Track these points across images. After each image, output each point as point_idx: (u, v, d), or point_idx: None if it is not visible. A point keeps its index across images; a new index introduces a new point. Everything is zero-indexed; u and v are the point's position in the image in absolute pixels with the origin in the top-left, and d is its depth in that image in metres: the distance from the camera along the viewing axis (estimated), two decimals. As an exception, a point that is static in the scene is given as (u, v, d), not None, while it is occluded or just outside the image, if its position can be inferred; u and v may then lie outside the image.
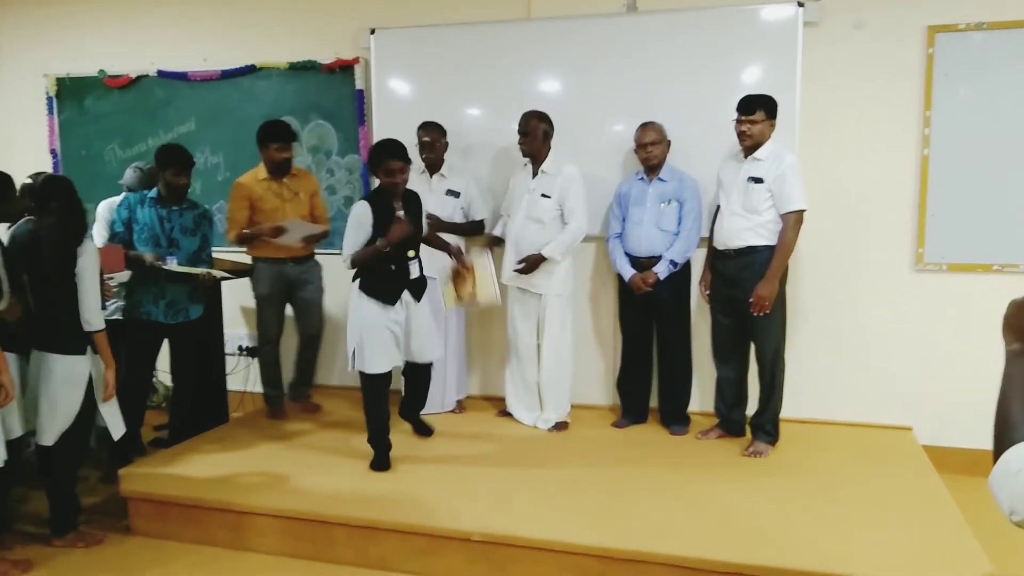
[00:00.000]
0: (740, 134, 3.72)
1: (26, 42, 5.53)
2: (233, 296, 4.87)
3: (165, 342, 4.06)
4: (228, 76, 5.09)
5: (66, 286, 3.14)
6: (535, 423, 4.27)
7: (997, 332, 1.25)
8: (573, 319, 4.29)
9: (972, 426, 3.87)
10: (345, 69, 4.87)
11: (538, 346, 4.22)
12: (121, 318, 4.06)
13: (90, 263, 3.19)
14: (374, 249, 3.48)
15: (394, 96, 4.73)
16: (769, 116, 3.68)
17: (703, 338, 4.19)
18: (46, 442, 3.20)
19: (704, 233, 4.09)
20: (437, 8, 4.65)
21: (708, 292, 4.05)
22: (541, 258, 4.06)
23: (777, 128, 3.77)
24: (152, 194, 3.93)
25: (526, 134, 4.07)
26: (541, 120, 4.08)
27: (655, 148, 4.01)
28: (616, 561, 2.88)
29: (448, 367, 4.48)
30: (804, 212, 3.68)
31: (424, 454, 3.88)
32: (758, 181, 3.70)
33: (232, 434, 4.25)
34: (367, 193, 3.69)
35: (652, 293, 4.03)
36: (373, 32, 4.67)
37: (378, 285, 3.57)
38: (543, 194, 4.09)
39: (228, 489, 3.48)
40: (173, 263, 3.87)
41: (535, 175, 4.14)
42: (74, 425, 3.22)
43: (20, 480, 3.45)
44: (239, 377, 5.13)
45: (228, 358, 4.84)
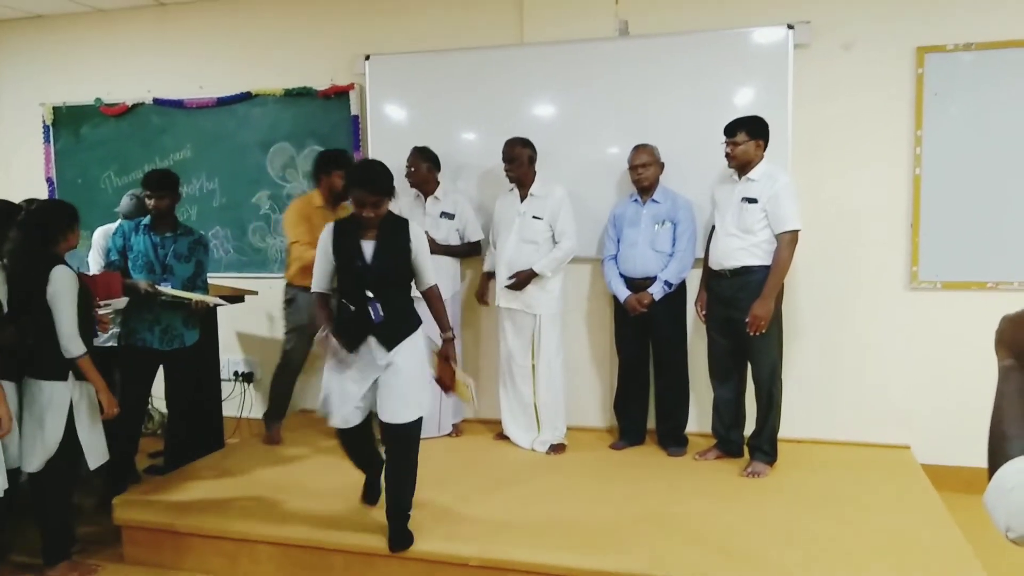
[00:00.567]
0: (726, 156, 3.78)
1: (23, 71, 5.57)
2: (229, 322, 4.87)
3: (160, 369, 4.05)
4: (224, 103, 5.12)
5: (39, 313, 3.12)
6: (532, 446, 4.25)
7: (993, 349, 1.25)
8: (565, 339, 4.30)
9: (970, 444, 3.83)
10: (340, 95, 4.90)
11: (532, 366, 4.22)
12: (116, 345, 4.05)
13: (61, 289, 3.14)
14: (315, 323, 3.09)
15: (389, 121, 4.75)
16: (752, 136, 3.72)
17: (700, 359, 4.19)
18: (31, 469, 3.17)
19: (699, 254, 4.11)
20: (431, 34, 4.70)
21: (704, 312, 4.06)
22: (532, 274, 4.09)
23: (770, 148, 3.79)
24: (146, 221, 3.93)
25: (512, 160, 4.11)
26: (524, 146, 4.13)
27: (646, 170, 4.04)
28: (615, 584, 2.85)
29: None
30: (799, 232, 3.70)
31: (421, 479, 3.85)
32: (752, 201, 3.72)
33: (227, 460, 4.22)
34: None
35: (648, 314, 4.03)
36: (368, 58, 4.70)
37: (339, 327, 3.07)
38: (535, 216, 4.12)
39: (224, 516, 3.45)
40: (167, 288, 3.86)
41: (523, 199, 4.18)
42: (59, 452, 3.18)
43: (16, 509, 3.42)
44: (234, 403, 5.11)
45: (224, 384, 4.82)
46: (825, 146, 4.17)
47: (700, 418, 4.35)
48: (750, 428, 3.99)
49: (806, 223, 3.82)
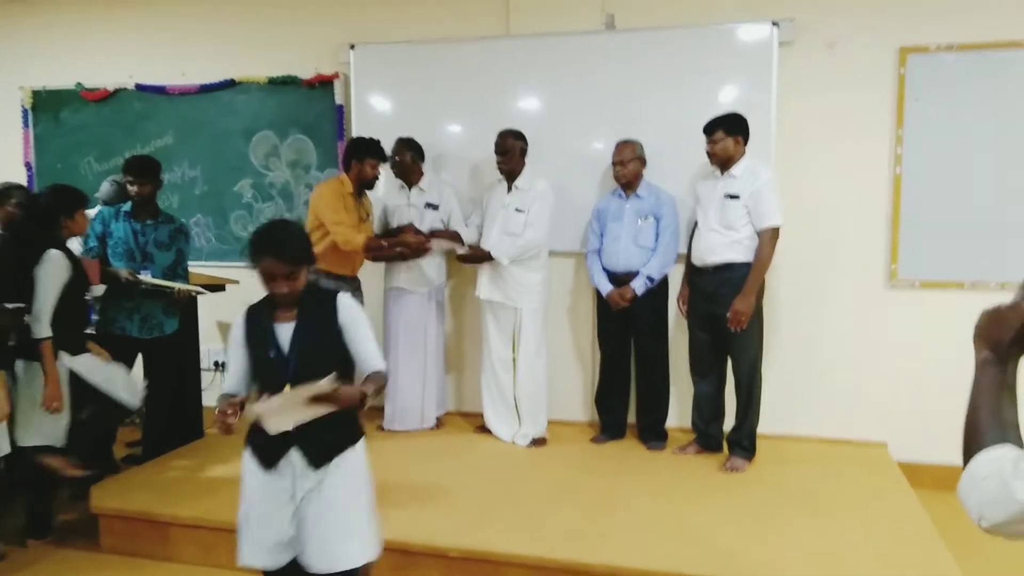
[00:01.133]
0: (707, 154, 3.82)
1: (2, 54, 5.48)
2: (209, 311, 4.83)
3: (139, 357, 4.01)
4: (207, 90, 5.07)
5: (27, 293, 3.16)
6: (513, 439, 4.26)
7: (970, 349, 1.27)
8: (547, 333, 4.30)
9: (946, 442, 3.88)
10: (325, 84, 4.87)
11: (514, 360, 4.22)
12: (95, 332, 4.01)
13: (49, 271, 3.20)
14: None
15: (373, 111, 4.73)
16: (730, 133, 3.74)
17: (681, 354, 4.21)
18: (27, 443, 3.21)
19: (681, 249, 4.12)
20: (417, 24, 4.67)
21: (686, 308, 4.08)
22: (488, 256, 4.10)
23: (753, 145, 3.81)
24: (127, 208, 3.90)
25: (505, 152, 4.11)
26: (517, 139, 4.13)
27: (624, 167, 4.05)
28: (593, 577, 2.87)
29: (427, 383, 4.47)
30: (780, 228, 3.72)
31: (401, 471, 3.85)
32: (734, 197, 3.74)
33: (206, 450, 4.20)
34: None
35: (630, 309, 4.05)
36: (353, 48, 4.68)
37: (252, 437, 2.33)
38: (517, 208, 4.12)
39: (200, 506, 3.43)
40: (147, 276, 3.82)
41: (509, 190, 4.18)
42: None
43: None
44: (214, 393, 5.07)
45: (204, 373, 4.79)
46: (807, 143, 4.19)
47: (680, 413, 4.37)
48: (729, 424, 4.02)
49: (788, 219, 3.86)
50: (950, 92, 4.02)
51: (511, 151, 4.11)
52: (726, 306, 3.74)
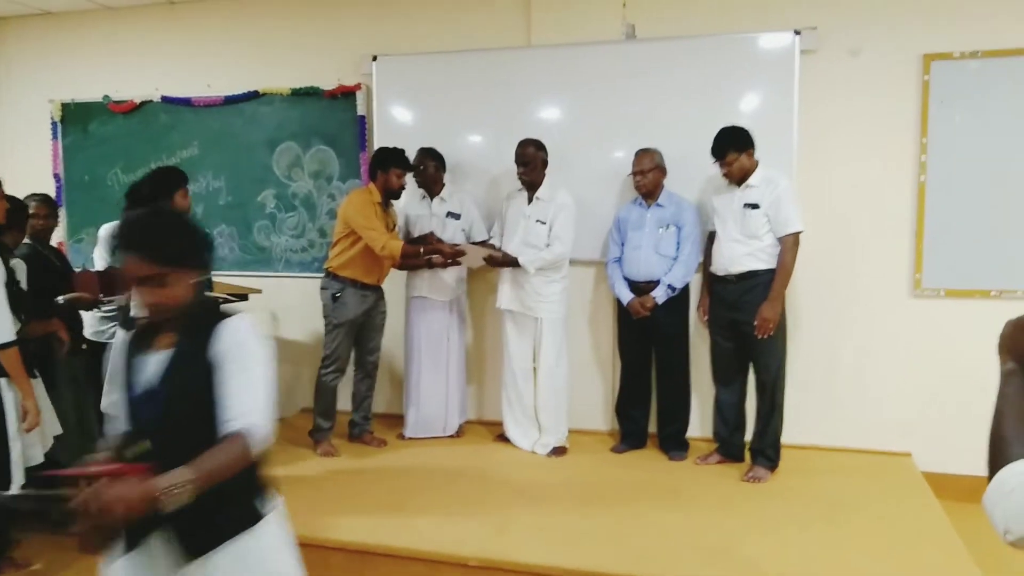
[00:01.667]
0: (725, 175, 3.82)
1: (32, 67, 5.59)
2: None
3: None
4: (231, 102, 5.14)
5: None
6: (533, 448, 4.25)
7: (996, 358, 1.25)
8: (567, 342, 4.30)
9: (972, 453, 3.83)
10: (347, 95, 4.91)
11: (534, 369, 4.22)
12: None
13: None
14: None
15: (395, 122, 4.77)
16: (741, 150, 3.74)
17: (702, 363, 4.19)
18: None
19: (700, 258, 4.11)
20: (438, 35, 4.71)
21: (707, 317, 4.06)
22: (515, 262, 4.09)
23: (775, 153, 3.81)
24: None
25: (527, 164, 4.11)
26: (539, 149, 4.13)
27: (644, 177, 4.04)
28: (614, 587, 2.85)
29: (450, 391, 4.48)
30: (801, 233, 3.72)
31: (422, 479, 3.86)
32: (754, 207, 3.74)
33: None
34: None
35: (650, 318, 4.04)
36: (375, 59, 4.72)
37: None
38: (538, 220, 4.12)
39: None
40: None
41: (530, 201, 4.18)
42: None
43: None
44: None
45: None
46: (830, 152, 4.16)
47: (702, 422, 4.34)
48: (750, 432, 3.99)
49: (811, 228, 3.84)
50: (974, 99, 3.98)
51: (532, 161, 4.11)
52: (751, 313, 3.73)
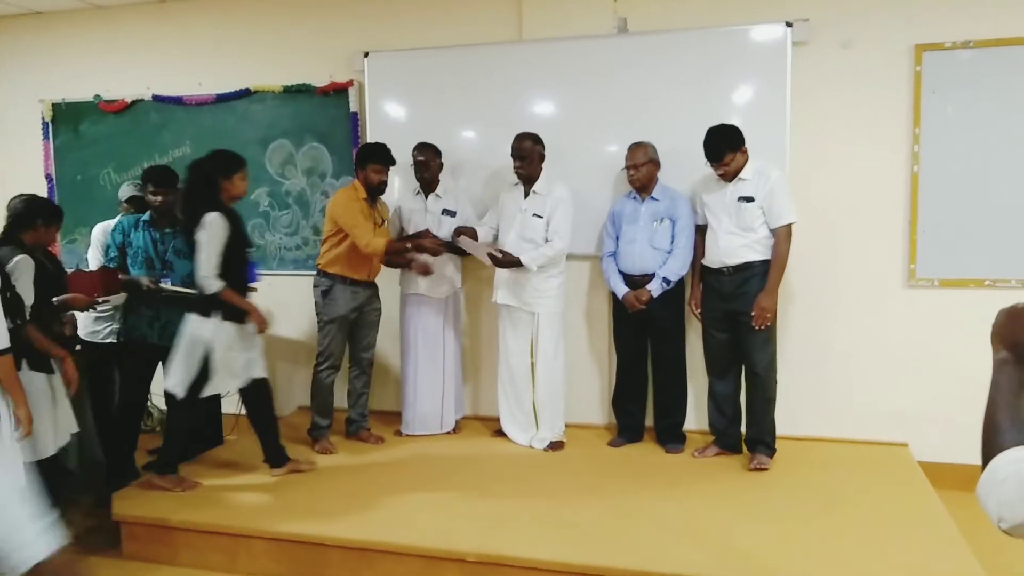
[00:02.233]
0: (721, 176, 3.81)
1: (22, 67, 5.56)
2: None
3: (160, 365, 4.04)
4: (223, 100, 5.12)
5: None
6: (530, 443, 4.26)
7: (989, 346, 1.26)
8: (564, 337, 4.29)
9: (968, 442, 3.85)
10: (339, 92, 4.90)
11: (532, 365, 4.22)
12: (115, 341, 4.06)
13: (211, 233, 3.44)
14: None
15: (388, 118, 4.76)
16: (736, 149, 3.74)
17: (698, 355, 4.19)
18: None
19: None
20: (430, 31, 4.70)
21: (700, 310, 4.07)
22: (518, 263, 4.06)
23: (767, 146, 3.82)
24: (146, 217, 3.95)
25: (523, 157, 4.09)
26: (536, 143, 4.11)
27: (637, 171, 4.04)
28: (612, 580, 2.86)
29: (446, 387, 4.48)
30: (793, 224, 3.75)
31: (418, 475, 3.86)
32: (749, 200, 3.75)
33: (226, 456, 4.23)
34: None
35: (646, 311, 4.04)
36: (367, 55, 4.70)
37: None
38: (535, 214, 4.11)
39: (221, 512, 3.46)
40: (169, 285, 3.86)
41: (527, 195, 4.17)
42: None
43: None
44: (233, 400, 5.09)
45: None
46: (823, 143, 4.16)
47: (698, 415, 4.35)
48: (744, 424, 4.02)
49: (804, 220, 3.85)
50: (967, 89, 3.99)
51: (529, 155, 4.09)
52: (748, 305, 3.76)
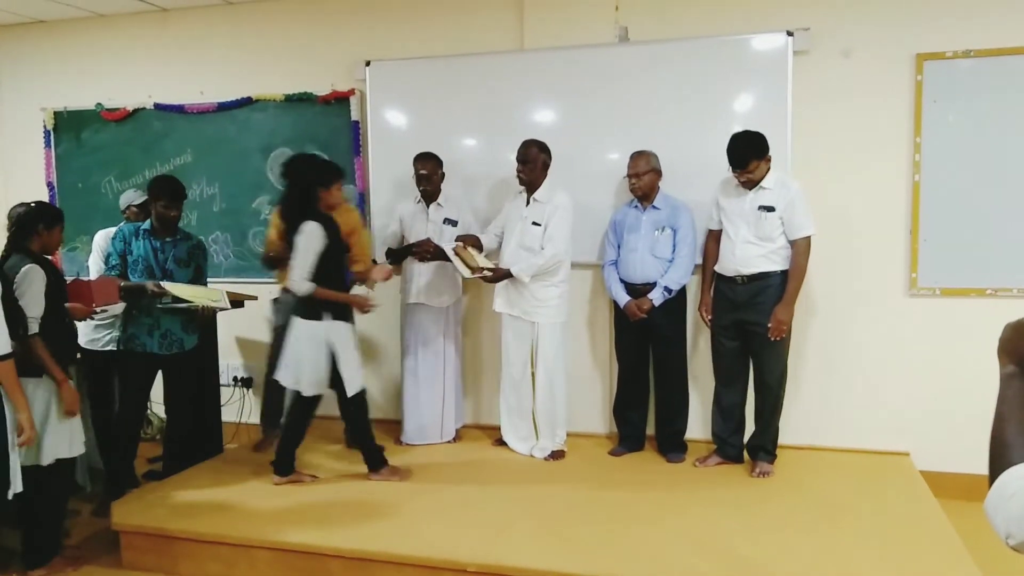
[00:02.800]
0: (744, 183, 3.79)
1: (24, 75, 5.58)
2: (228, 327, 4.86)
3: (160, 374, 4.04)
4: (225, 108, 5.13)
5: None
6: (531, 452, 4.24)
7: (993, 356, 1.25)
8: (566, 347, 4.28)
9: (970, 451, 3.84)
10: (341, 100, 4.91)
11: (532, 374, 4.21)
12: (115, 349, 4.05)
13: (307, 239, 3.54)
14: None
15: (389, 127, 4.76)
16: (761, 157, 3.73)
17: (700, 365, 4.19)
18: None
19: (696, 259, 4.11)
20: (431, 40, 4.71)
21: (710, 318, 4.05)
22: (508, 274, 4.04)
23: (770, 154, 3.80)
24: (146, 226, 3.95)
25: (526, 162, 4.08)
26: (541, 150, 4.10)
27: (639, 179, 4.03)
28: (613, 591, 2.84)
29: (447, 396, 4.47)
30: (811, 236, 3.77)
31: (419, 484, 3.85)
32: (770, 210, 3.75)
33: (226, 466, 4.21)
34: None
35: (647, 320, 4.03)
36: (369, 64, 4.71)
37: None
38: (534, 222, 4.10)
39: (222, 521, 3.44)
40: (172, 285, 3.85)
41: (528, 203, 4.16)
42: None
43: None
44: (234, 408, 5.10)
45: (223, 389, 4.81)
46: (824, 152, 4.17)
47: (700, 424, 4.34)
48: (749, 432, 4.02)
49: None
50: (968, 98, 3.99)
51: (533, 161, 4.07)
52: (761, 314, 3.76)
